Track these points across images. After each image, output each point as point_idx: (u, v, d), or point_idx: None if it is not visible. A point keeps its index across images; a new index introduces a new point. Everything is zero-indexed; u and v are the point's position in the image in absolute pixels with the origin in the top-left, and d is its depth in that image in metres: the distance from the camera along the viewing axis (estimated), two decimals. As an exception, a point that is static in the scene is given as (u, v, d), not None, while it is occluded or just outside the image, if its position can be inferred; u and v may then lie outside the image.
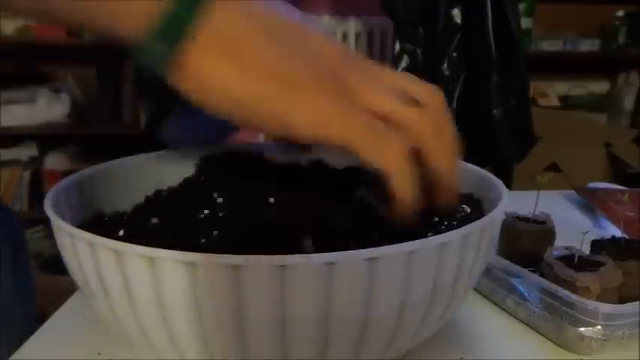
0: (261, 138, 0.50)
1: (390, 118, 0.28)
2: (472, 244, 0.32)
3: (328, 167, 0.52)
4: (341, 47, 0.30)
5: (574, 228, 0.49)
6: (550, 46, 2.39)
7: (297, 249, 0.32)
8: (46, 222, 0.32)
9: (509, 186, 0.42)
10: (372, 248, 0.27)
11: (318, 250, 0.30)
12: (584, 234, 0.46)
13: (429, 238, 0.29)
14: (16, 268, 0.62)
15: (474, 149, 1.54)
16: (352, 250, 0.27)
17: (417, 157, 0.29)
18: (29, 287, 0.65)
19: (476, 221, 0.31)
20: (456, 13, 1.50)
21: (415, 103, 0.30)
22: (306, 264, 0.26)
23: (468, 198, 0.44)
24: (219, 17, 0.26)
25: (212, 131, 0.51)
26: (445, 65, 1.51)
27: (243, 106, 0.27)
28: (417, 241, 0.28)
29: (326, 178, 0.48)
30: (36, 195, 2.15)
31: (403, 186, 0.28)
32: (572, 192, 0.82)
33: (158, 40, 0.26)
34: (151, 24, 0.26)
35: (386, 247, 0.27)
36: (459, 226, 0.31)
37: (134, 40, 0.27)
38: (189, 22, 0.26)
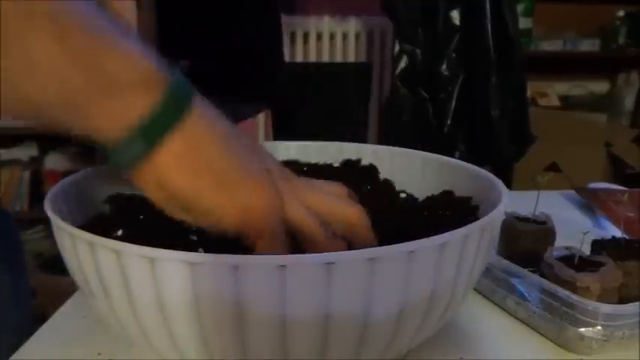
0: (261, 139, 0.50)
1: (297, 230, 0.33)
2: (472, 244, 0.32)
3: (331, 166, 0.52)
4: (280, 165, 0.35)
5: (574, 228, 0.49)
6: (550, 46, 2.39)
7: (297, 249, 0.32)
8: (46, 222, 0.32)
9: (509, 186, 0.42)
10: (372, 248, 0.27)
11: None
12: (584, 234, 0.46)
13: (429, 238, 0.29)
14: (12, 269, 0.62)
15: (474, 149, 1.54)
16: (353, 250, 0.27)
17: None
18: (25, 288, 0.65)
19: (476, 221, 0.31)
20: (455, 14, 1.51)
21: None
22: (306, 264, 0.26)
23: (466, 200, 0.44)
24: (188, 131, 0.30)
25: None
26: (444, 66, 1.51)
27: (191, 203, 0.30)
28: (417, 241, 0.28)
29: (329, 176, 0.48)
30: (36, 195, 2.15)
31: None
32: (572, 192, 0.82)
33: (134, 142, 0.29)
34: (132, 126, 0.28)
35: (386, 247, 0.27)
36: (459, 225, 0.31)
37: (108, 139, 0.29)
38: (167, 129, 0.29)
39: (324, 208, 0.34)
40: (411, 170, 0.50)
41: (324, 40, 2.21)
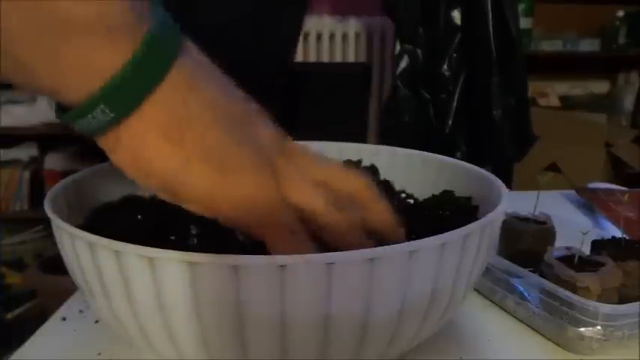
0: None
1: (311, 218, 0.30)
2: (472, 244, 0.32)
3: None
4: (278, 135, 0.31)
5: (574, 228, 0.49)
6: (550, 46, 2.39)
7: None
8: (46, 222, 0.32)
9: (509, 186, 0.42)
10: (372, 248, 0.27)
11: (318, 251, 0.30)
12: (584, 234, 0.46)
13: (429, 238, 0.29)
14: None
15: (475, 149, 1.54)
16: (352, 250, 0.27)
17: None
18: None
19: (476, 221, 0.31)
20: (456, 14, 1.51)
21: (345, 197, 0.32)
22: (306, 264, 0.26)
23: (467, 199, 0.44)
24: (170, 95, 0.25)
25: None
26: (445, 66, 1.51)
27: (175, 183, 0.27)
28: (417, 241, 0.28)
29: None
30: (36, 195, 2.15)
31: None
32: (572, 192, 0.82)
33: (104, 107, 0.24)
34: (100, 88, 0.24)
35: (386, 247, 0.27)
36: (459, 225, 0.30)
37: (74, 102, 0.25)
38: (142, 92, 0.24)
39: (334, 183, 0.32)
40: (411, 170, 0.50)
41: (324, 40, 2.21)
